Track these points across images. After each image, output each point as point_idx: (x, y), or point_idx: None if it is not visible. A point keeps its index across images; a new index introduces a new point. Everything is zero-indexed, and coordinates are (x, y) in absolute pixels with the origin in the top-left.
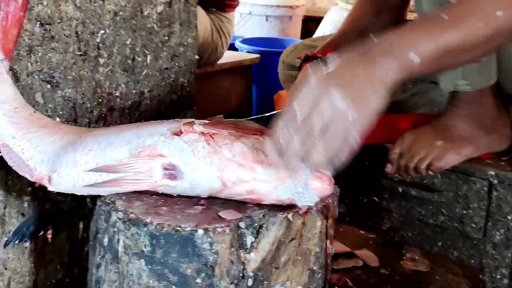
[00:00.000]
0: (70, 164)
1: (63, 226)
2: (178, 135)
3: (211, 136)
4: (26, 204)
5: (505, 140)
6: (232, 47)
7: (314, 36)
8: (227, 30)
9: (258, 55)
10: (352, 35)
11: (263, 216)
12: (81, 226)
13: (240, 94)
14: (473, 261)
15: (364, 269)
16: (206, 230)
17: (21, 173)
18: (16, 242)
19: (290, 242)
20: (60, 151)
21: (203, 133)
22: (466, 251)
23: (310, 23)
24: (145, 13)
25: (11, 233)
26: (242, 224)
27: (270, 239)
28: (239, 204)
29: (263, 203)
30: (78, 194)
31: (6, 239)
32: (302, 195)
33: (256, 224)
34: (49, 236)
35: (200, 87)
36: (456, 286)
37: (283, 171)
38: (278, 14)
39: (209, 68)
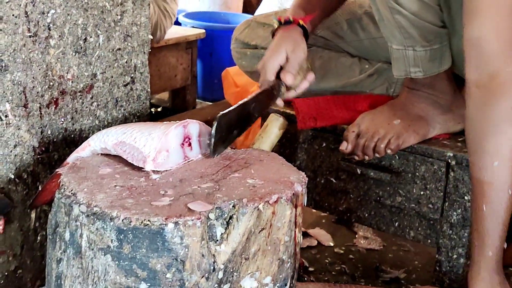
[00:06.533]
0: None
1: (14, 216)
2: None
3: None
4: None
5: (460, 121)
6: (176, 22)
7: (258, 9)
8: (171, 10)
9: (203, 30)
10: None
11: (233, 206)
12: (33, 215)
13: (185, 70)
14: (429, 241)
15: (318, 248)
16: (176, 223)
17: (135, 163)
18: None
19: (260, 233)
20: None
21: None
22: (423, 231)
23: None
24: None
25: None
26: (211, 216)
27: (241, 230)
28: (207, 195)
29: None
30: None
31: None
32: None
33: (226, 215)
34: (1, 227)
35: None
36: (408, 263)
37: None
38: None
39: (153, 44)
